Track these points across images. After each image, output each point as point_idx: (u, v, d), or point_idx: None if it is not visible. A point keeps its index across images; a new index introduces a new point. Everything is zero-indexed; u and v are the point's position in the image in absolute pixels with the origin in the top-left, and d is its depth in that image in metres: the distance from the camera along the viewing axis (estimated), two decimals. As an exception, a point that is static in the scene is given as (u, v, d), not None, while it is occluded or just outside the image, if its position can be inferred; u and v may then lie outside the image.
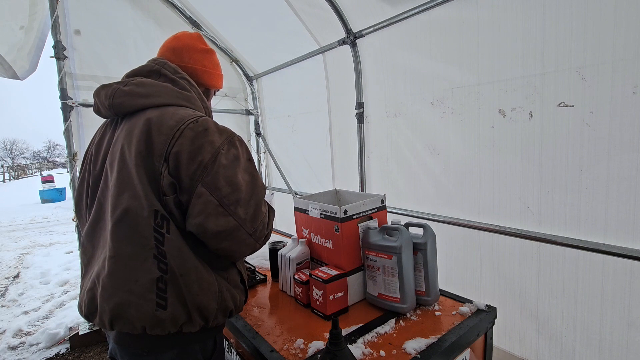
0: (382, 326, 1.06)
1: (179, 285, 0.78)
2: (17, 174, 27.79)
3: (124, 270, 0.76)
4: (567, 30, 1.39)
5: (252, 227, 0.80)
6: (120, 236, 0.76)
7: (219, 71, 1.09)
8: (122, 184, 0.77)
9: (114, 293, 0.76)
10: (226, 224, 0.77)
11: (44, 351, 2.66)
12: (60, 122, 2.50)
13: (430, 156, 2.01)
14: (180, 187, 0.76)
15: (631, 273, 1.33)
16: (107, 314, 0.77)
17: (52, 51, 2.44)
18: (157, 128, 0.77)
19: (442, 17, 1.82)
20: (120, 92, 0.84)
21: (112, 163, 0.82)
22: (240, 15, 2.87)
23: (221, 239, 0.78)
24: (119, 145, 0.81)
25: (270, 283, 1.49)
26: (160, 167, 0.75)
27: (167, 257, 0.76)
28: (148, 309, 0.76)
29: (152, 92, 0.84)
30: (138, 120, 0.81)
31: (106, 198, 0.82)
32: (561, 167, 1.47)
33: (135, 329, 0.77)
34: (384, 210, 1.33)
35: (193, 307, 0.80)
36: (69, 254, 5.31)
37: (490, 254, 1.78)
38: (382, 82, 2.25)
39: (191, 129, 0.77)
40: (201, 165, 0.75)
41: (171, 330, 0.79)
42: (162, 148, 0.75)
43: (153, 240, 0.75)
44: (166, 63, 0.92)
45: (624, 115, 1.28)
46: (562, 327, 1.56)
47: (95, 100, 0.91)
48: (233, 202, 0.77)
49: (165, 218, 0.76)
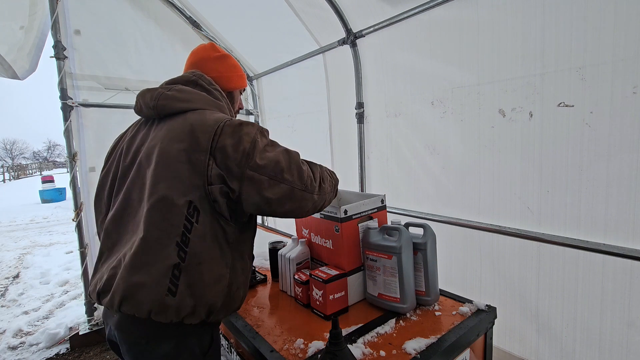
0: (382, 326, 1.06)
1: (193, 274, 0.84)
2: (17, 174, 27.80)
3: (148, 253, 0.83)
4: (567, 30, 1.39)
5: (301, 184, 0.92)
6: (152, 220, 0.84)
7: (237, 72, 1.17)
8: (161, 174, 0.85)
9: (133, 273, 0.82)
10: (281, 190, 0.88)
11: (44, 351, 2.66)
12: (60, 122, 2.50)
13: (430, 156, 2.01)
14: (230, 175, 0.85)
15: (631, 273, 1.33)
16: (119, 293, 0.82)
17: (52, 51, 2.44)
18: (200, 127, 0.88)
19: (442, 17, 1.82)
20: (165, 95, 0.94)
21: (149, 156, 0.90)
22: (240, 15, 2.87)
23: (283, 203, 0.89)
24: (157, 141, 0.90)
25: (270, 283, 1.49)
26: (207, 160, 0.85)
27: (190, 245, 0.84)
28: (159, 293, 0.81)
29: (191, 98, 0.96)
30: (179, 121, 0.91)
31: (137, 187, 0.90)
32: (561, 167, 1.47)
33: (142, 311, 0.81)
34: (384, 210, 1.33)
35: (200, 299, 0.85)
36: (69, 254, 5.31)
37: (490, 254, 1.78)
38: (382, 82, 2.25)
39: (228, 125, 0.88)
40: (244, 153, 0.85)
41: (173, 319, 0.83)
42: (206, 144, 0.85)
43: (182, 227, 0.84)
44: (203, 75, 1.04)
45: (624, 115, 1.28)
46: (562, 327, 1.56)
47: (138, 101, 1.00)
48: (279, 172, 0.88)
49: (197, 209, 0.85)
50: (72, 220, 2.57)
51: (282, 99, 3.31)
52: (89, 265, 2.63)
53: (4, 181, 23.70)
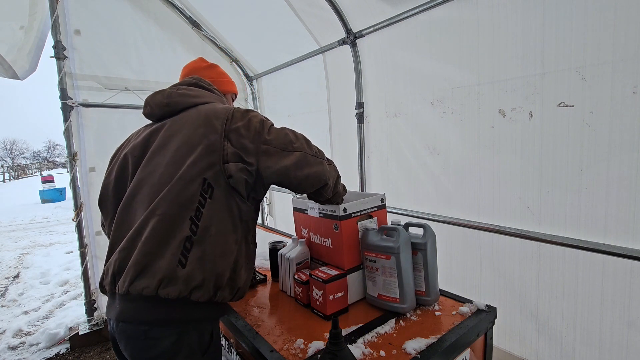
0: (382, 326, 1.06)
1: (204, 246, 0.90)
2: (17, 174, 27.80)
3: (165, 228, 0.89)
4: (567, 30, 1.39)
5: (311, 150, 1.03)
6: (169, 198, 0.90)
7: (226, 78, 1.31)
8: (179, 157, 0.94)
9: (150, 246, 0.87)
10: (295, 157, 0.98)
11: (44, 351, 2.66)
12: (60, 122, 2.50)
13: (430, 156, 2.01)
14: (246, 152, 0.95)
15: (631, 273, 1.33)
16: (134, 267, 0.86)
17: (52, 51, 2.45)
18: (214, 114, 0.99)
19: (442, 17, 1.82)
20: (177, 93, 1.06)
21: (163, 145, 0.99)
22: (241, 15, 2.87)
23: (301, 167, 0.98)
24: (173, 131, 1.00)
25: (270, 283, 1.49)
26: (222, 142, 0.94)
27: (202, 219, 0.91)
28: (170, 262, 0.87)
29: (200, 94, 1.09)
30: (192, 112, 1.02)
31: (150, 173, 0.97)
32: (561, 167, 1.47)
33: (152, 285, 0.85)
34: (383, 209, 1.33)
35: (209, 271, 0.91)
36: (69, 254, 5.31)
37: (490, 254, 1.78)
38: (382, 82, 2.25)
39: (237, 111, 1.01)
40: (256, 132, 0.97)
41: (182, 291, 0.87)
42: (221, 128, 0.96)
43: (196, 203, 0.91)
44: (201, 79, 1.17)
45: (624, 115, 1.28)
46: (562, 327, 1.56)
47: (148, 104, 1.08)
48: (288, 143, 0.99)
49: (211, 186, 0.93)
50: (72, 220, 2.57)
51: (282, 99, 3.31)
52: (89, 265, 2.63)
53: (4, 181, 23.70)
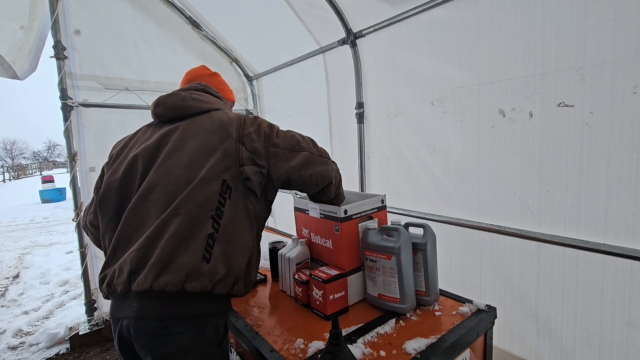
0: (382, 326, 1.06)
1: (225, 242, 0.95)
2: (17, 174, 27.80)
3: (189, 226, 0.92)
4: (567, 30, 1.39)
5: (317, 151, 1.10)
6: (192, 198, 0.94)
7: (227, 87, 1.37)
8: (196, 161, 0.99)
9: (175, 244, 0.90)
10: (301, 157, 1.05)
11: (44, 351, 2.66)
12: (60, 122, 2.50)
13: (430, 156, 2.01)
14: (258, 155, 1.01)
15: (631, 273, 1.33)
16: (159, 263, 0.88)
17: (52, 51, 2.45)
18: (228, 121, 1.06)
19: (442, 17, 1.82)
20: (191, 97, 1.11)
21: (177, 148, 1.02)
22: (240, 15, 2.87)
23: (307, 167, 1.05)
24: (185, 136, 1.03)
25: (270, 283, 1.49)
26: (237, 146, 1.00)
27: (223, 217, 0.96)
28: (195, 258, 0.90)
29: (211, 101, 1.15)
30: (205, 118, 1.07)
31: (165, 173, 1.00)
32: (561, 167, 1.47)
33: (177, 280, 0.87)
34: (384, 210, 1.33)
35: (231, 265, 0.95)
36: (69, 254, 5.31)
37: (490, 254, 1.78)
38: (382, 82, 2.25)
39: (248, 118, 1.08)
40: (265, 135, 1.04)
41: (207, 285, 0.90)
42: (235, 133, 1.02)
43: (217, 202, 0.96)
44: (208, 85, 1.22)
45: (624, 115, 1.28)
46: (562, 327, 1.56)
47: (161, 104, 1.10)
48: (296, 143, 1.06)
49: (230, 187, 0.98)
50: (72, 220, 2.57)
51: (282, 99, 3.31)
52: (89, 265, 2.63)
53: (4, 181, 23.70)
